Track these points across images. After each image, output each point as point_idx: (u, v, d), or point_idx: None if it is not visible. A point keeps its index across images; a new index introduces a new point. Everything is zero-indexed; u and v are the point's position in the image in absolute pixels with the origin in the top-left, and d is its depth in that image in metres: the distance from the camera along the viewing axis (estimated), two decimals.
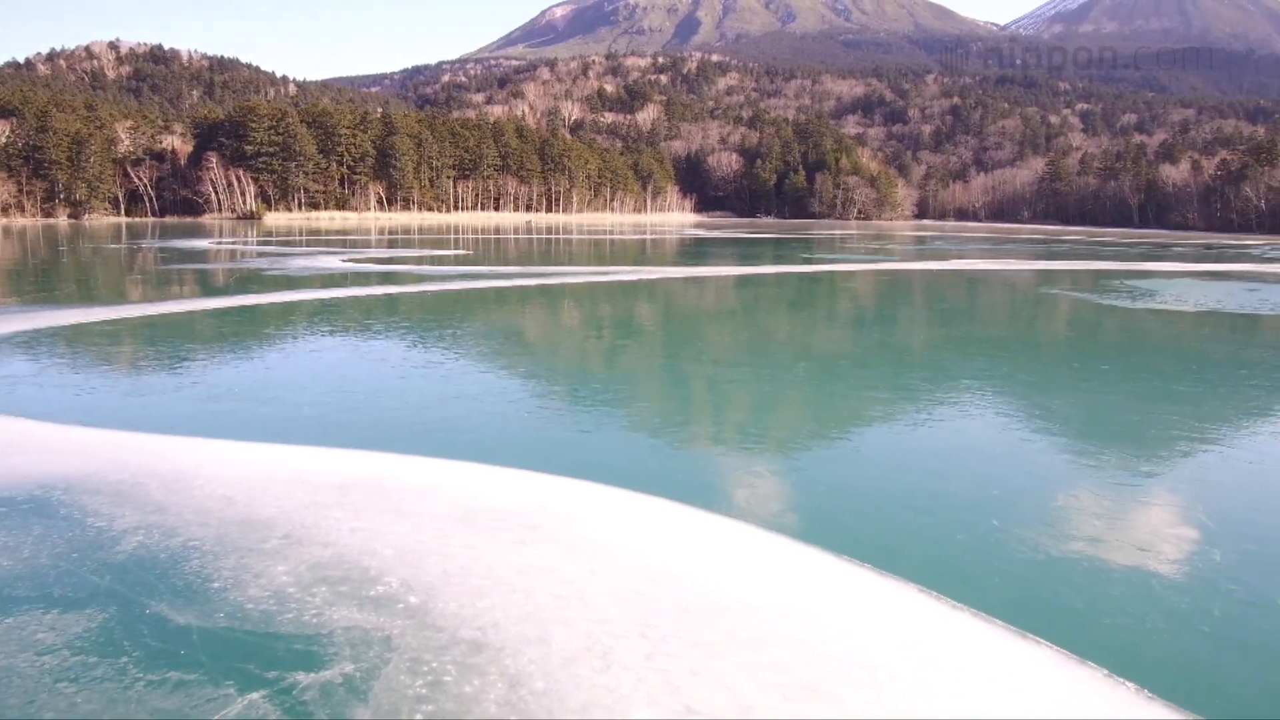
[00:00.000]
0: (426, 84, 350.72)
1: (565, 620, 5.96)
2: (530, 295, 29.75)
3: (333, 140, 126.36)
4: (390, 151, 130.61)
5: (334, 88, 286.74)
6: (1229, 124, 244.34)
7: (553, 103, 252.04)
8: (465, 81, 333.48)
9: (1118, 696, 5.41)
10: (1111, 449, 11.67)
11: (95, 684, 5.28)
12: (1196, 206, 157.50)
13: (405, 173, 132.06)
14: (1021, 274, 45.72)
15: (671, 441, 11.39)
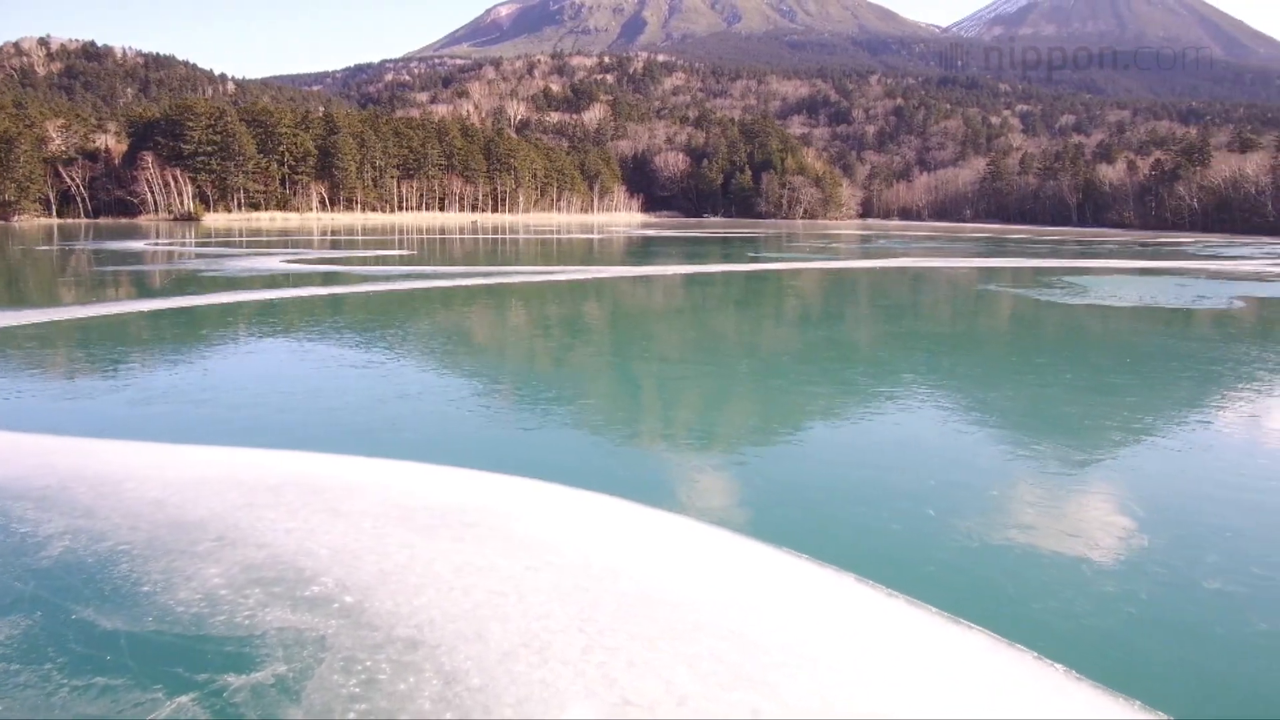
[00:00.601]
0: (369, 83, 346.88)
1: (503, 617, 5.93)
2: (475, 295, 29.55)
3: (273, 140, 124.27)
4: (332, 151, 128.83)
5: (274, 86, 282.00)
6: (1163, 125, 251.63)
7: (498, 102, 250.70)
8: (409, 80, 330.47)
9: (1046, 678, 5.53)
10: (1046, 440, 11.93)
11: (17, 691, 5.14)
12: (1132, 205, 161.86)
13: (348, 173, 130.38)
14: (964, 271, 46.53)
15: (614, 439, 11.39)
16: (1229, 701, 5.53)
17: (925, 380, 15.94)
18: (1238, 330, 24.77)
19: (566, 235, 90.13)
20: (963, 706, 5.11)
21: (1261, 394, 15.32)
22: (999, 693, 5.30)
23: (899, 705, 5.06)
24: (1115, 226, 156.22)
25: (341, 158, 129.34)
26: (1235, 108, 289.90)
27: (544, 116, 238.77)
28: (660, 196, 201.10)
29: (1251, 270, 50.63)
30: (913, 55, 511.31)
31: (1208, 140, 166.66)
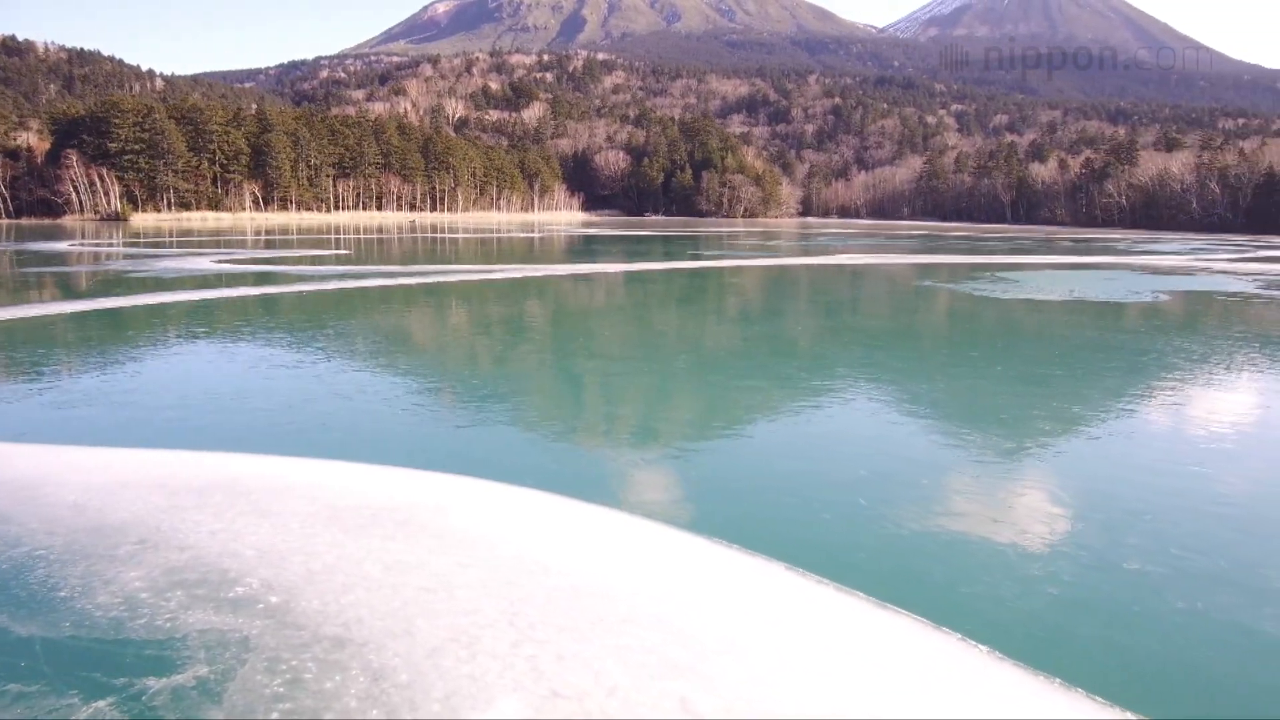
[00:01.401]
0: (304, 80, 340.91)
1: (432, 613, 5.88)
2: (413, 294, 29.22)
3: (204, 138, 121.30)
4: (266, 149, 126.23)
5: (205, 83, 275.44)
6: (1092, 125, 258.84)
7: (436, 100, 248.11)
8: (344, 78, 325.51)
9: (970, 659, 5.65)
10: (976, 430, 12.19)
11: None
12: (1064, 203, 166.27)
13: (282, 171, 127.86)
14: (900, 268, 47.29)
15: (549, 435, 11.36)
16: (1146, 676, 5.70)
17: (860, 374, 16.17)
18: (1162, 322, 25.56)
19: (506, 234, 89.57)
20: (887, 689, 5.19)
21: (1183, 383, 15.82)
22: (923, 674, 5.40)
23: (826, 690, 5.13)
24: (1048, 224, 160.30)
25: (275, 156, 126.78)
26: (1161, 108, 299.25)
27: (483, 115, 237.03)
28: (601, 195, 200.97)
29: (1176, 265, 52.30)
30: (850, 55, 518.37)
31: (1135, 140, 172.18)
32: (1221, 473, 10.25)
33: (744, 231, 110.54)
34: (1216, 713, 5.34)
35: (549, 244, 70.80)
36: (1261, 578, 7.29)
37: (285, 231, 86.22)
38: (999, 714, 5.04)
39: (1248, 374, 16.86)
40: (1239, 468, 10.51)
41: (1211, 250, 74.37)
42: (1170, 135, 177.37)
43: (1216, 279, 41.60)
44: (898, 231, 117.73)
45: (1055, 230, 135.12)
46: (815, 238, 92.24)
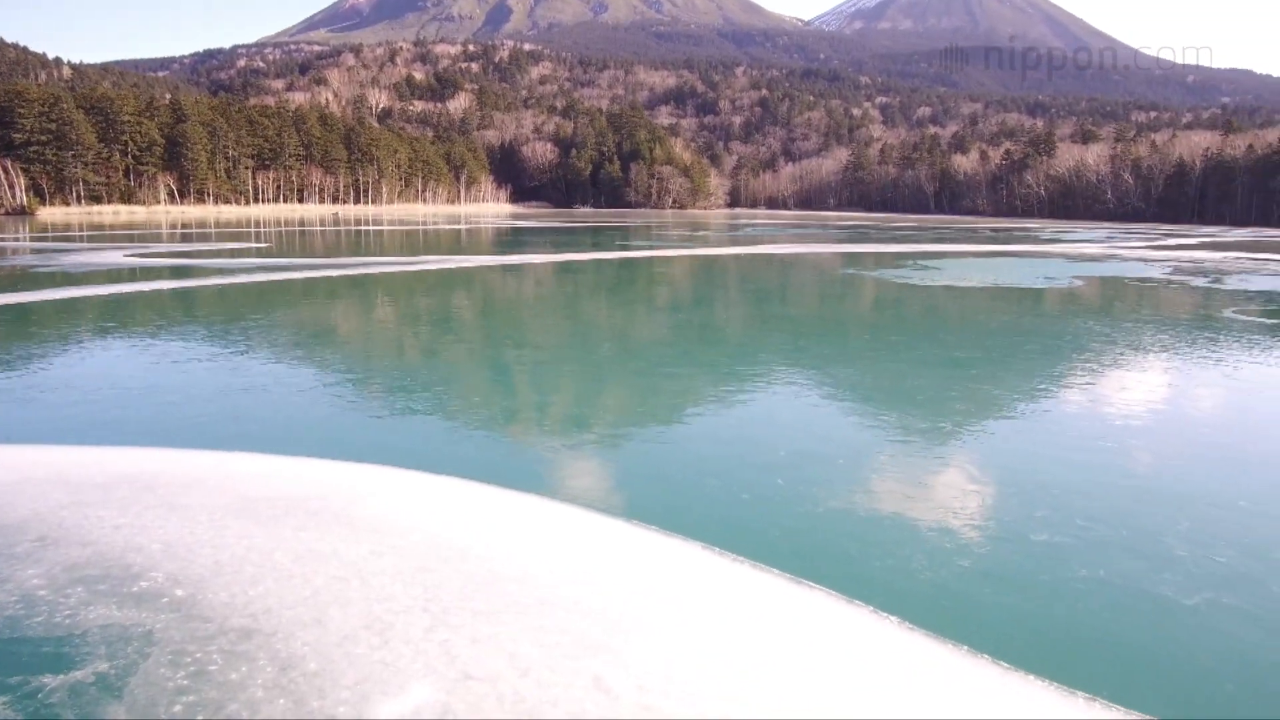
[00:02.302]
0: (220, 69, 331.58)
1: (344, 601, 5.78)
2: (335, 286, 28.69)
3: (115, 128, 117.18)
4: (181, 140, 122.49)
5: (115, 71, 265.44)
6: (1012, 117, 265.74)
7: (359, 90, 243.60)
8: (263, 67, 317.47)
9: (880, 629, 5.76)
10: (893, 411, 12.43)
11: None
12: (985, 193, 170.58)
13: (198, 163, 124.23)
14: (826, 257, 47.96)
15: (468, 423, 11.26)
16: (1050, 641, 5.87)
17: (783, 360, 16.36)
18: (1076, 307, 26.38)
19: (433, 226, 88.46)
20: (798, 660, 5.26)
21: (1094, 364, 16.34)
22: (833, 646, 5.49)
23: (738, 663, 5.18)
24: (970, 214, 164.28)
25: (191, 147, 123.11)
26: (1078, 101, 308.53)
27: (407, 105, 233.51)
28: (529, 187, 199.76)
29: (1091, 253, 54.01)
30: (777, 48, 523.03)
31: (1053, 132, 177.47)
32: (1128, 448, 10.62)
33: (673, 222, 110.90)
34: (1117, 673, 5.53)
35: (476, 235, 70.14)
36: (1162, 545, 7.57)
37: (203, 225, 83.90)
38: (905, 681, 5.15)
39: (1155, 355, 17.49)
40: (1144, 443, 10.90)
41: (1125, 238, 77.00)
42: (1086, 128, 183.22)
43: (1129, 265, 43.07)
44: (825, 222, 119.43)
45: (977, 220, 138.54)
46: (744, 228, 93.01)
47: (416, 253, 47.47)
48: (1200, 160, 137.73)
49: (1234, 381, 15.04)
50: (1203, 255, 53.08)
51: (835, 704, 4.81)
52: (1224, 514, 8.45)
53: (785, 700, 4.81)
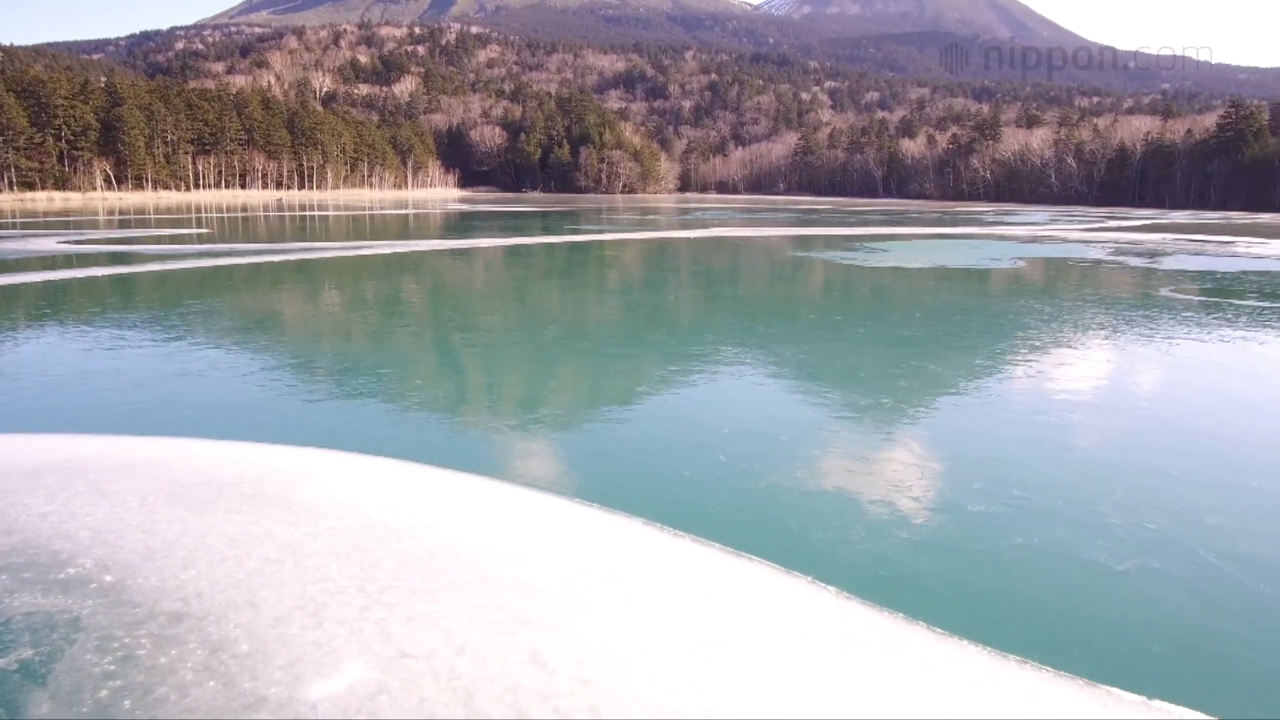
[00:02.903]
0: (158, 51, 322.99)
1: (277, 583, 5.68)
2: (280, 271, 28.17)
3: (48, 112, 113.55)
4: (117, 124, 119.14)
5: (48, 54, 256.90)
6: (958, 102, 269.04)
7: (302, 73, 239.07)
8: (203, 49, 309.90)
9: (819, 600, 5.81)
10: (837, 388, 12.55)
11: None
12: (933, 177, 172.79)
13: (136, 148, 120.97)
14: (776, 240, 48.20)
15: (409, 406, 11.13)
16: (984, 607, 5.97)
17: (729, 340, 16.41)
18: (1017, 287, 26.83)
19: (380, 211, 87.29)
20: (736, 632, 5.29)
21: (1033, 342, 16.64)
22: (771, 617, 5.53)
23: (676, 636, 5.19)
24: (917, 197, 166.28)
25: (128, 132, 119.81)
26: (1022, 87, 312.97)
27: (352, 89, 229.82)
28: (477, 171, 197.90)
29: (1035, 235, 54.97)
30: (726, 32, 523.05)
31: (998, 117, 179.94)
32: (1065, 422, 10.83)
33: (623, 207, 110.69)
34: (1048, 637, 5.63)
35: (424, 220, 69.36)
36: (1096, 513, 7.73)
37: (141, 211, 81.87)
38: (841, 650, 5.20)
39: (1093, 333, 17.84)
40: (1082, 417, 11.12)
41: (1067, 221, 78.52)
42: (1031, 113, 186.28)
43: (1071, 247, 43.91)
44: (774, 206, 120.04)
45: (924, 203, 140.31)
46: (694, 212, 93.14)
47: (363, 237, 46.82)
48: (1141, 145, 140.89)
49: (1169, 357, 15.42)
50: (1141, 237, 54.31)
51: (772, 674, 4.84)
52: (1156, 483, 8.66)
53: (723, 671, 4.83)
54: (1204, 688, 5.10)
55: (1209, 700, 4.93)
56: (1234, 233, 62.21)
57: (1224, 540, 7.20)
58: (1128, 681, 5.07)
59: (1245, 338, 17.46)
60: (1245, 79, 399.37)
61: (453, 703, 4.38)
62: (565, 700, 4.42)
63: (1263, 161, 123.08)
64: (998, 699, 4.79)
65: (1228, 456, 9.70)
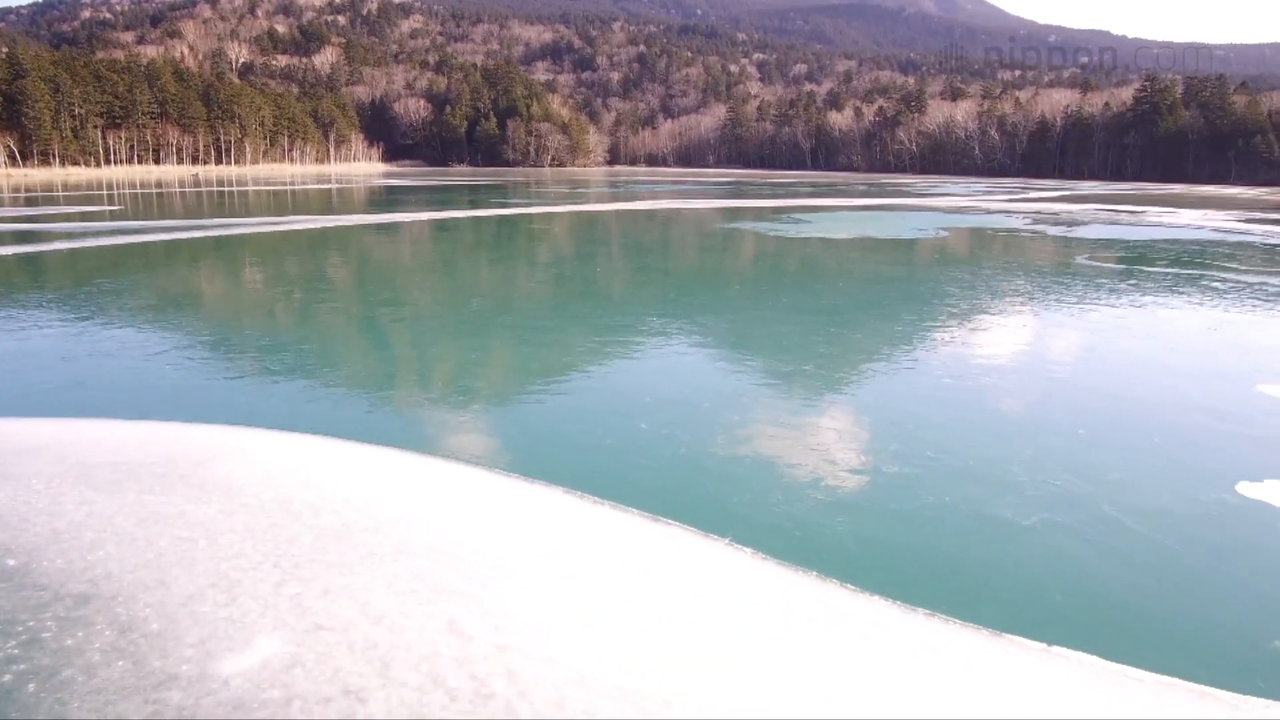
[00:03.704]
0: (62, 20, 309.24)
1: (189, 561, 5.59)
2: (195, 248, 27.35)
3: None
4: (19, 97, 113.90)
5: None
6: (885, 75, 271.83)
7: (216, 44, 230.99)
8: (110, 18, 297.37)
9: (735, 561, 5.93)
10: (759, 356, 12.71)
11: None
12: (860, 149, 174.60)
13: (41, 122, 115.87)
14: (705, 212, 48.32)
15: (328, 381, 10.96)
16: (896, 563, 6.14)
17: (655, 312, 16.47)
18: (939, 256, 27.37)
19: (301, 186, 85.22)
20: (653, 593, 5.37)
21: (951, 308, 17.03)
22: (686, 579, 5.62)
23: (593, 600, 5.25)
24: (845, 170, 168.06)
25: (32, 105, 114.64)
26: (947, 59, 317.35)
27: (270, 60, 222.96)
28: (402, 145, 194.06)
29: (959, 205, 56.06)
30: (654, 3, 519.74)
31: (924, 90, 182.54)
32: (980, 385, 11.14)
33: (552, 180, 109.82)
34: (956, 590, 5.82)
35: (348, 195, 67.93)
36: (1006, 472, 7.99)
37: (49, 188, 78.66)
38: (754, 608, 5.31)
39: (1009, 299, 18.33)
40: (996, 380, 11.45)
41: (991, 192, 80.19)
42: (955, 85, 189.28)
43: (993, 218, 44.88)
44: (704, 178, 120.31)
45: (852, 176, 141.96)
46: (623, 185, 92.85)
47: (284, 213, 45.68)
48: (1061, 117, 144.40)
49: (1081, 322, 15.93)
50: (1060, 207, 55.79)
51: (686, 633, 4.93)
52: (1064, 442, 8.98)
53: (638, 633, 4.90)
54: (1100, 633, 5.34)
55: (1104, 644, 5.17)
56: (1147, 203, 64.31)
57: (1125, 494, 7.51)
58: (1030, 630, 5.29)
59: (1154, 303, 18.12)
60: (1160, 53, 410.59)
61: (368, 672, 4.37)
62: (482, 666, 4.45)
63: (1176, 134, 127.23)
64: (904, 650, 4.94)
65: (1132, 416, 10.09)
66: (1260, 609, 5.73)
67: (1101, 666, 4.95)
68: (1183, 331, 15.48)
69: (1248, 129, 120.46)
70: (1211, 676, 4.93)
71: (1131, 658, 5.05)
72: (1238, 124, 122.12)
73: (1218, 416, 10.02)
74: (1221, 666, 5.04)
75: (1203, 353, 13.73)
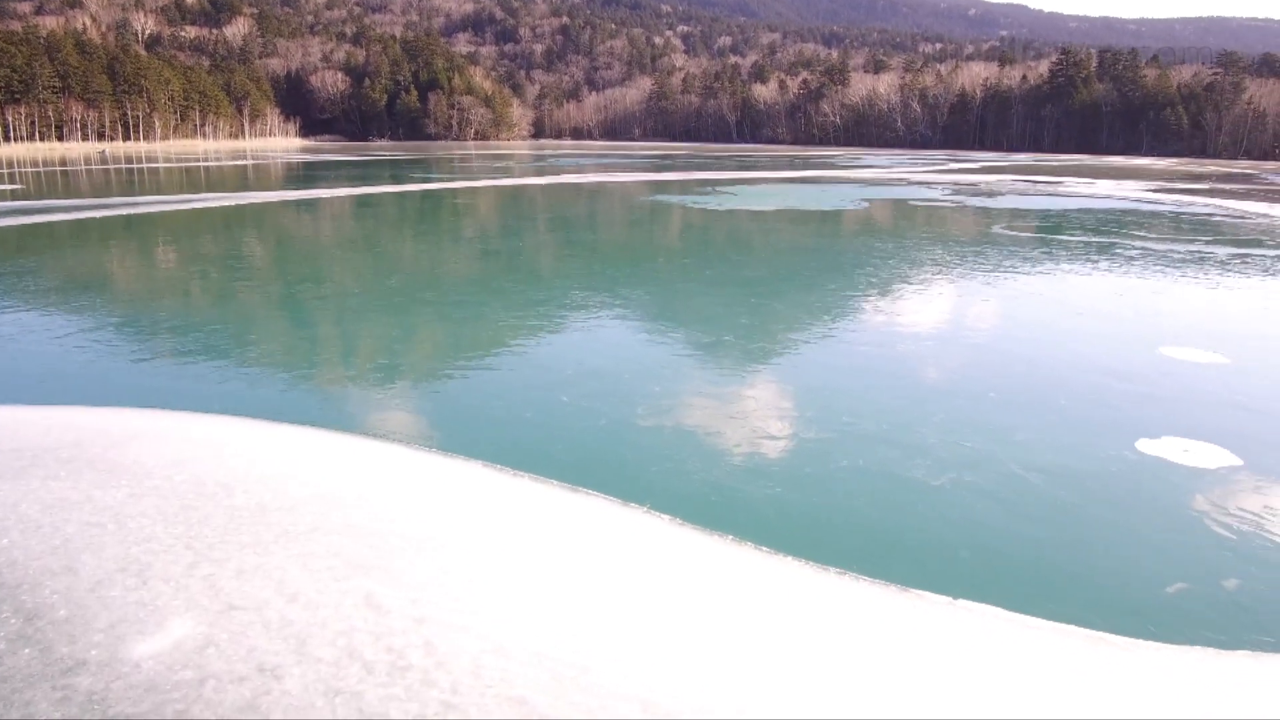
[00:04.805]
0: None
1: (98, 547, 5.47)
2: (104, 228, 26.38)
3: None
4: None
5: None
6: (809, 48, 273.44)
7: (120, 14, 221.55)
8: None
9: (653, 528, 6.03)
10: (680, 328, 12.83)
11: None
12: (785, 122, 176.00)
13: None
14: (629, 185, 48.26)
15: (241, 361, 10.73)
16: (809, 525, 6.31)
17: (578, 285, 16.48)
18: (860, 227, 27.83)
19: (215, 162, 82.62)
20: (571, 562, 5.44)
21: (871, 278, 17.38)
22: (603, 547, 5.70)
23: (511, 570, 5.29)
24: (770, 143, 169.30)
25: None
26: (870, 32, 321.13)
27: (178, 31, 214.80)
28: (320, 119, 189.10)
29: (881, 178, 56.97)
30: None
31: (847, 63, 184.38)
32: (897, 353, 11.43)
33: (475, 154, 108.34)
34: (867, 550, 6.00)
35: (264, 171, 66.10)
36: (917, 435, 8.23)
37: None
38: (670, 572, 5.42)
39: (927, 268, 18.76)
40: (911, 347, 11.75)
41: (913, 164, 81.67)
42: (878, 58, 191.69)
43: (914, 189, 45.75)
44: (630, 151, 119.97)
45: (777, 148, 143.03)
46: (548, 159, 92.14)
47: (197, 190, 44.29)
48: (981, 90, 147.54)
49: (995, 290, 16.39)
50: (980, 178, 57.10)
51: (603, 599, 5.01)
52: (975, 405, 9.28)
53: (555, 601, 4.96)
54: (1003, 586, 5.57)
55: (1006, 596, 5.40)
56: (1064, 174, 66.20)
57: (1030, 454, 7.81)
58: (937, 585, 5.49)
59: (1066, 270, 18.73)
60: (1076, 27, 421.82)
61: (283, 650, 4.36)
62: (399, 639, 4.47)
63: (1091, 107, 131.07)
64: (814, 607, 5.10)
65: (1041, 379, 10.46)
66: (1153, 558, 6.03)
67: (1003, 617, 5.17)
68: (1092, 297, 16.05)
69: (1158, 102, 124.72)
70: (1106, 623, 5.18)
71: (1031, 607, 5.29)
72: (1149, 97, 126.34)
73: (1121, 378, 10.45)
74: (1116, 613, 5.31)
75: (1110, 317, 14.28)
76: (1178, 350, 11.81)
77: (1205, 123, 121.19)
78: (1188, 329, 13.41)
